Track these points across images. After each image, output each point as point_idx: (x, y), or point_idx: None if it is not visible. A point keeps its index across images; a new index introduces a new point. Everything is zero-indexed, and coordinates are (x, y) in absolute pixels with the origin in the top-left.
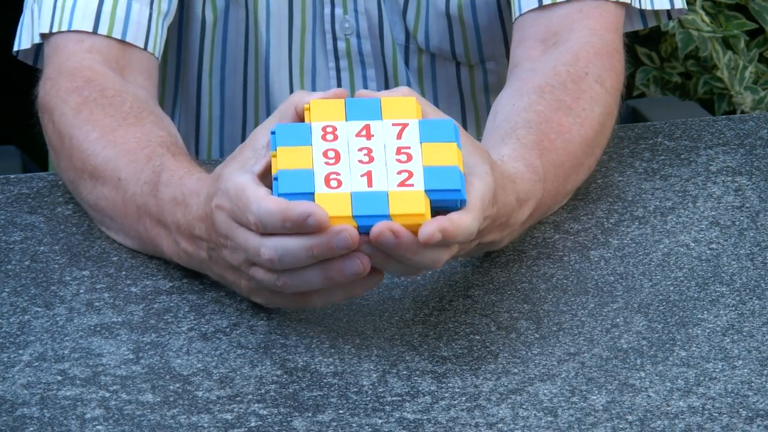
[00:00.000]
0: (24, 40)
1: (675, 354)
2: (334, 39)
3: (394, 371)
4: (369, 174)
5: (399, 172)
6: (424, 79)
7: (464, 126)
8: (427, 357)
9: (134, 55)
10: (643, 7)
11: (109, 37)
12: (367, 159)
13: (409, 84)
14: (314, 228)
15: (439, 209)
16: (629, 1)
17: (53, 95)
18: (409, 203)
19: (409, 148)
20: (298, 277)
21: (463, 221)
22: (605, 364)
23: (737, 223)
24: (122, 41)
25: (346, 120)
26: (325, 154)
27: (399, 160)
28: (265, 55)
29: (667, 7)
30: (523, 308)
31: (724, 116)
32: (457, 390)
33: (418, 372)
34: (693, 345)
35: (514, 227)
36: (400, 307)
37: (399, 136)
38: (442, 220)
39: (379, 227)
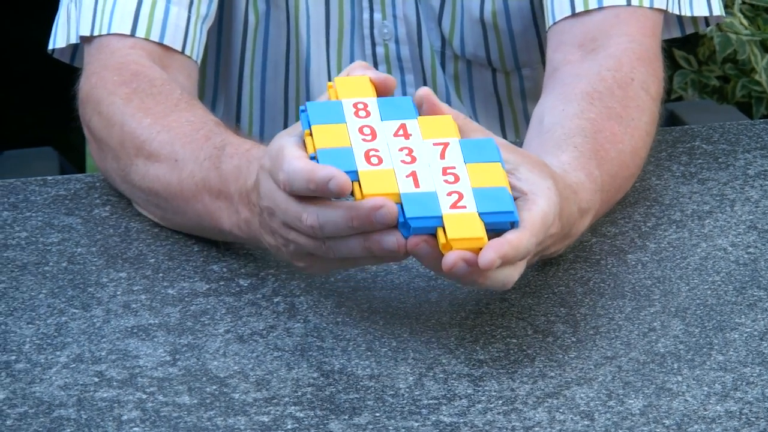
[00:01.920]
0: (59, 39)
1: (712, 358)
2: (373, 44)
3: (431, 374)
4: (414, 174)
5: (449, 194)
6: (461, 85)
7: (502, 131)
8: (464, 360)
9: (174, 57)
10: (682, 14)
11: (147, 39)
12: (409, 159)
13: (447, 90)
14: (336, 192)
15: (491, 231)
16: (665, 7)
17: (100, 88)
18: (466, 227)
19: (454, 168)
20: (343, 245)
21: (521, 242)
22: (642, 368)
23: None
24: (160, 44)
25: (381, 120)
26: (360, 130)
27: (447, 181)
28: (306, 58)
29: (706, 13)
30: (559, 312)
31: (762, 120)
32: (493, 393)
33: (454, 375)
34: (730, 349)
35: (575, 237)
36: (436, 310)
37: (442, 156)
38: (500, 244)
39: (452, 258)
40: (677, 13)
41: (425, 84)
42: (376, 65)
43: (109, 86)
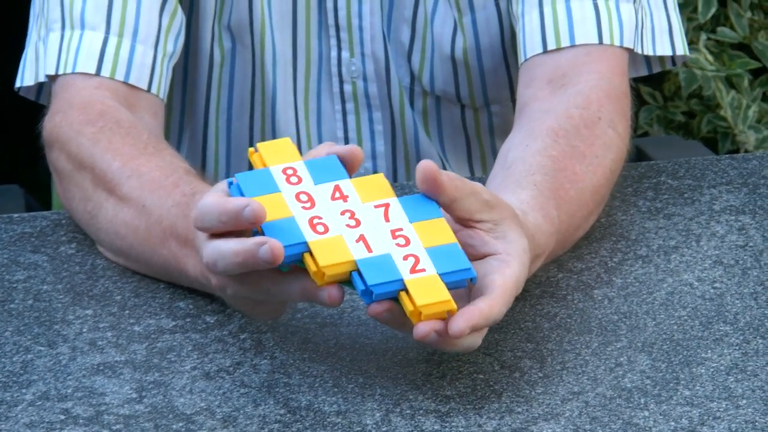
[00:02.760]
0: (27, 77)
1: (679, 393)
2: (341, 82)
3: (398, 410)
4: (363, 238)
5: (405, 257)
6: (430, 121)
7: (470, 166)
8: (431, 396)
9: (140, 96)
10: (645, 53)
11: (112, 78)
12: (354, 223)
13: (414, 126)
14: (251, 219)
15: (450, 289)
16: (632, 46)
17: (65, 127)
18: (431, 291)
19: (402, 230)
20: (283, 289)
21: (493, 310)
22: (609, 403)
23: (741, 262)
24: (125, 83)
25: (314, 183)
26: (297, 197)
27: (399, 245)
28: (272, 95)
29: (669, 53)
30: (526, 347)
31: (727, 155)
32: (460, 429)
33: (421, 411)
34: (697, 384)
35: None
36: (403, 346)
37: (387, 218)
38: (471, 313)
39: (424, 330)
40: (641, 52)
41: (393, 121)
42: (343, 102)
43: (75, 125)
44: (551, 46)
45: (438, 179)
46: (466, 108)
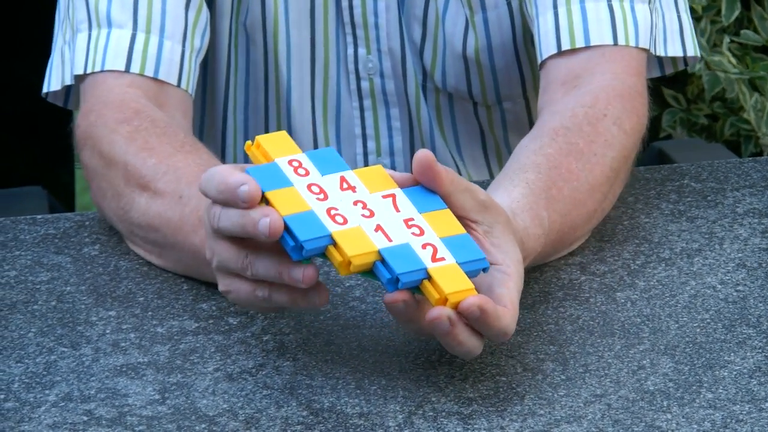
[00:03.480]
0: (53, 81)
1: (702, 396)
2: (358, 79)
3: (420, 412)
4: (381, 228)
5: (423, 246)
6: (443, 117)
7: (486, 159)
8: (453, 398)
9: (170, 92)
10: (657, 54)
11: (142, 75)
12: (368, 213)
13: (430, 123)
14: (244, 199)
15: None
16: (647, 46)
17: (100, 125)
18: (455, 280)
19: (413, 219)
20: (261, 264)
21: (505, 318)
22: (632, 406)
23: (764, 265)
24: (155, 79)
25: (321, 175)
26: (309, 189)
27: (414, 234)
28: (286, 94)
29: (680, 53)
30: (549, 350)
31: (750, 158)
32: (483, 431)
33: (444, 413)
34: (720, 387)
35: None
36: (426, 348)
37: (396, 209)
38: (485, 299)
39: (437, 312)
40: (654, 53)
41: (410, 118)
42: (361, 99)
43: (110, 124)
44: (566, 46)
45: (434, 168)
46: (478, 105)
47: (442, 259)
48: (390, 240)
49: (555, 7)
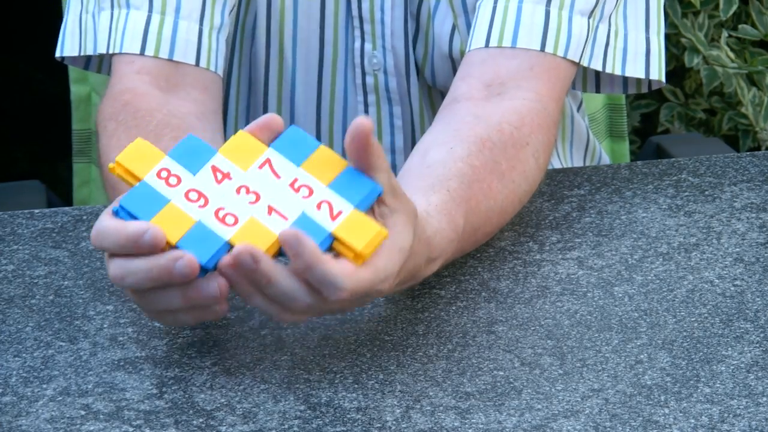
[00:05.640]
0: (68, 47)
1: (699, 391)
2: (363, 74)
3: (418, 407)
4: (272, 209)
5: (318, 207)
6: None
7: None
8: (451, 392)
9: (186, 72)
10: (608, 71)
11: (156, 57)
12: (254, 198)
13: (429, 121)
14: (152, 244)
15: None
16: (578, 60)
17: (100, 119)
18: (361, 230)
19: (296, 179)
20: (161, 297)
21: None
22: (629, 400)
23: (762, 259)
24: (171, 60)
25: (193, 174)
26: (187, 198)
27: (304, 197)
28: (290, 86)
29: (641, 75)
30: (546, 344)
31: (748, 152)
32: (480, 426)
33: (441, 408)
34: (717, 382)
35: (419, 281)
36: (423, 342)
37: (276, 175)
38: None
39: (235, 251)
40: (600, 69)
41: (412, 117)
42: (365, 94)
43: (104, 119)
44: (493, 43)
45: (370, 139)
46: None
47: (340, 213)
48: (286, 218)
49: (495, 1)
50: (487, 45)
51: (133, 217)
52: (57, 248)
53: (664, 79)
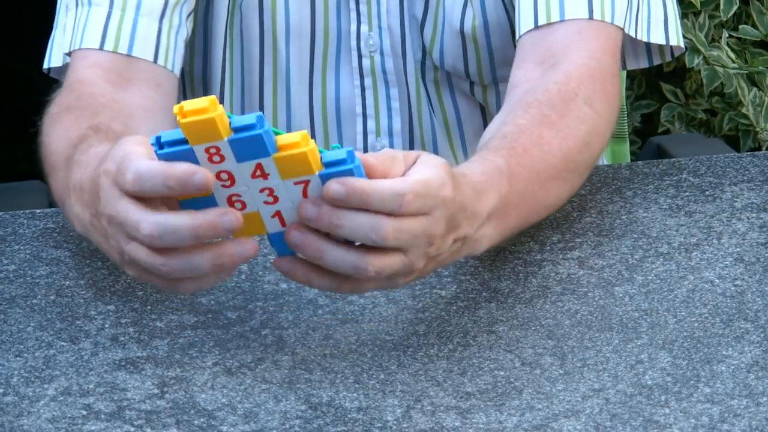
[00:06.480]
0: (54, 58)
1: (699, 390)
2: (359, 56)
3: (419, 407)
4: (279, 214)
5: None
6: (443, 96)
7: None
8: (452, 393)
9: (141, 67)
10: (639, 38)
11: (114, 52)
12: (272, 200)
13: (429, 102)
14: (199, 186)
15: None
16: (622, 25)
17: (46, 113)
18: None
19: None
20: (185, 262)
21: (381, 182)
22: (630, 400)
23: (762, 259)
24: (128, 56)
25: (237, 162)
26: (218, 176)
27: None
28: (285, 72)
29: (662, 41)
30: (547, 344)
31: (748, 153)
32: (481, 426)
33: (442, 407)
34: (717, 381)
35: (481, 218)
36: (424, 342)
37: (305, 194)
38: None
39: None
40: (634, 35)
41: (409, 98)
42: (362, 77)
43: (52, 108)
44: (542, 21)
45: (358, 185)
46: (475, 84)
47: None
48: (284, 225)
49: None
50: (536, 25)
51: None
52: (58, 248)
53: (682, 44)
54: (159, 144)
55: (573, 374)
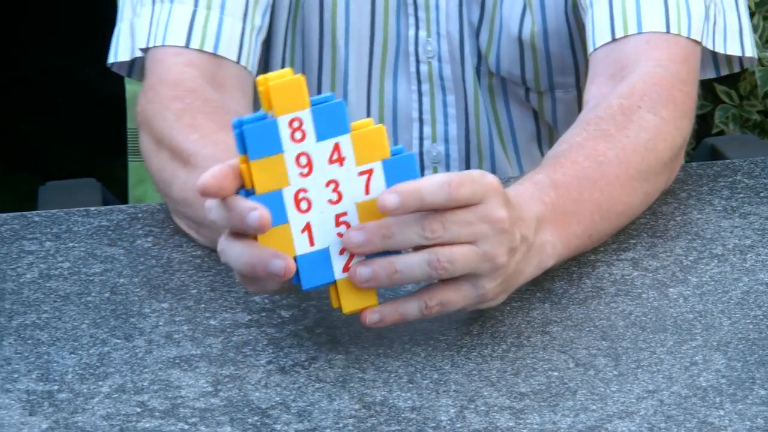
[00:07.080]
0: (121, 52)
1: (755, 393)
2: (417, 62)
3: (472, 407)
4: (308, 228)
5: (341, 252)
6: (497, 103)
7: (539, 144)
8: (506, 393)
9: (229, 70)
10: (716, 50)
11: (201, 50)
12: (335, 197)
13: (486, 109)
14: (254, 226)
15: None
16: (700, 38)
17: (156, 103)
18: (360, 295)
19: (346, 214)
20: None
21: (425, 180)
22: (684, 402)
23: None
24: (215, 55)
25: (316, 140)
26: (297, 160)
27: (339, 234)
28: (343, 75)
29: (738, 53)
30: (601, 345)
31: None
32: (535, 426)
33: (496, 408)
34: None
35: (531, 222)
36: (478, 342)
37: (367, 191)
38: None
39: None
40: (711, 48)
41: (466, 105)
42: (419, 83)
43: (164, 101)
44: (619, 33)
45: (408, 187)
46: (530, 91)
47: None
48: (312, 244)
49: None
50: (613, 38)
51: (243, 146)
52: (112, 246)
53: (756, 55)
54: (240, 124)
55: (627, 375)
